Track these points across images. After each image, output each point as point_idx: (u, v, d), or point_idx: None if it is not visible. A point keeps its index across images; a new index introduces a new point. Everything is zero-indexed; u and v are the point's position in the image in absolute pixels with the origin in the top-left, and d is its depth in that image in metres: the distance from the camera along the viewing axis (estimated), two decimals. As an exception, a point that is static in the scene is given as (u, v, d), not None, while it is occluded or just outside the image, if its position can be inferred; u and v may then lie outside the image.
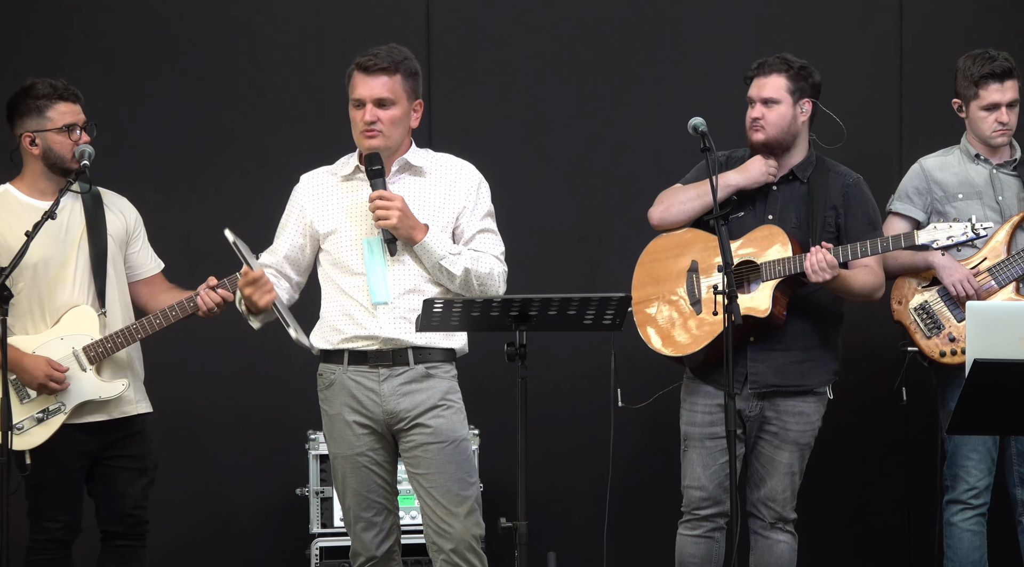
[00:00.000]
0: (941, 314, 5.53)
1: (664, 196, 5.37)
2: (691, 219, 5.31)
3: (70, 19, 6.41)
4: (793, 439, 5.22)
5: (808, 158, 5.29)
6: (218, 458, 6.43)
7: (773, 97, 5.23)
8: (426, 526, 4.78)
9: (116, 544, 5.29)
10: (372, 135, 4.75)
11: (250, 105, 6.43)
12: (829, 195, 5.20)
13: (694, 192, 5.29)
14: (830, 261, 5.03)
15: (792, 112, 5.23)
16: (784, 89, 5.23)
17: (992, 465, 5.54)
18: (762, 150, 5.25)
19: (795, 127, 5.24)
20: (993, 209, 5.55)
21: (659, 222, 5.36)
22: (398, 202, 4.70)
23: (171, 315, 5.17)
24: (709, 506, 5.26)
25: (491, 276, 4.81)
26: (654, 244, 5.38)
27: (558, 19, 6.51)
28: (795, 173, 5.28)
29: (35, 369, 5.10)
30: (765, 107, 5.23)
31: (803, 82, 5.24)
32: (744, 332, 5.11)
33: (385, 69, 4.74)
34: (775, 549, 5.23)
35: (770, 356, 5.19)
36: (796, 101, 5.23)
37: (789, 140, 5.24)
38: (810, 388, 5.23)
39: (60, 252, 5.19)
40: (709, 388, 5.26)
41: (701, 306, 5.20)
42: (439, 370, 4.79)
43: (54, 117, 5.19)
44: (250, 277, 4.68)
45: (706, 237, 5.27)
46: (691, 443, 5.29)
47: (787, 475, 5.22)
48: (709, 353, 5.19)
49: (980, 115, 5.54)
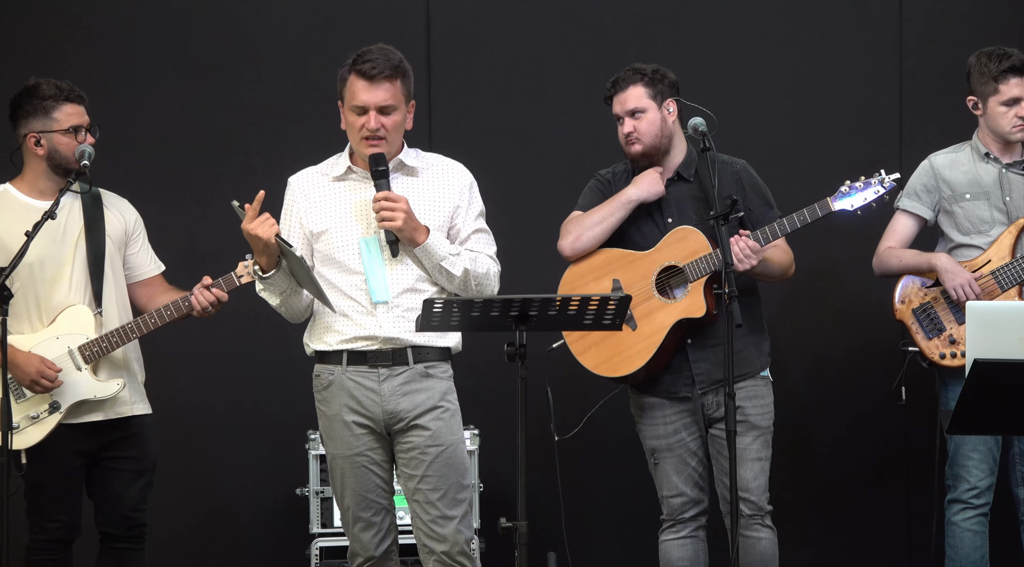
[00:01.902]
0: (943, 316, 5.52)
1: (570, 227, 5.39)
2: (601, 242, 5.35)
3: (71, 19, 6.41)
4: (755, 422, 5.22)
5: (689, 156, 5.34)
6: (218, 458, 6.43)
7: (638, 107, 5.29)
8: (417, 528, 4.79)
9: (114, 546, 5.28)
10: (376, 143, 4.75)
11: (250, 105, 6.43)
12: (722, 185, 5.21)
13: (599, 216, 5.33)
14: (753, 247, 5.08)
15: (660, 115, 5.29)
16: (645, 96, 5.29)
17: (994, 465, 5.53)
18: (643, 161, 5.31)
19: (667, 129, 5.30)
20: (1000, 210, 5.54)
21: (572, 252, 5.37)
22: (403, 204, 4.70)
23: (166, 315, 5.17)
24: (691, 508, 5.30)
25: (487, 276, 4.83)
26: (571, 272, 5.39)
27: (558, 19, 6.51)
28: (680, 173, 5.32)
29: (27, 366, 5.09)
30: (634, 120, 5.30)
31: (660, 84, 5.30)
32: (680, 336, 5.20)
33: (388, 76, 4.74)
34: (757, 547, 5.23)
35: (710, 353, 5.22)
36: (660, 104, 5.29)
37: (665, 143, 5.31)
38: (754, 372, 5.26)
39: (57, 252, 5.18)
40: (660, 399, 5.30)
41: (635, 321, 5.22)
42: (437, 370, 4.80)
43: (60, 118, 5.18)
44: (250, 213, 4.66)
45: (622, 254, 5.32)
46: (661, 455, 5.32)
47: (756, 461, 5.22)
48: (653, 364, 5.23)
49: (999, 110, 5.52)
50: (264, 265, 4.75)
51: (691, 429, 5.27)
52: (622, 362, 5.27)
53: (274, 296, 4.82)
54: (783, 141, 6.45)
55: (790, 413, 5.93)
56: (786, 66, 6.53)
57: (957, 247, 5.58)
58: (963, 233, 5.56)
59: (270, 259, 4.73)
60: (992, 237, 5.52)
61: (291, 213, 4.91)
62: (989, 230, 5.53)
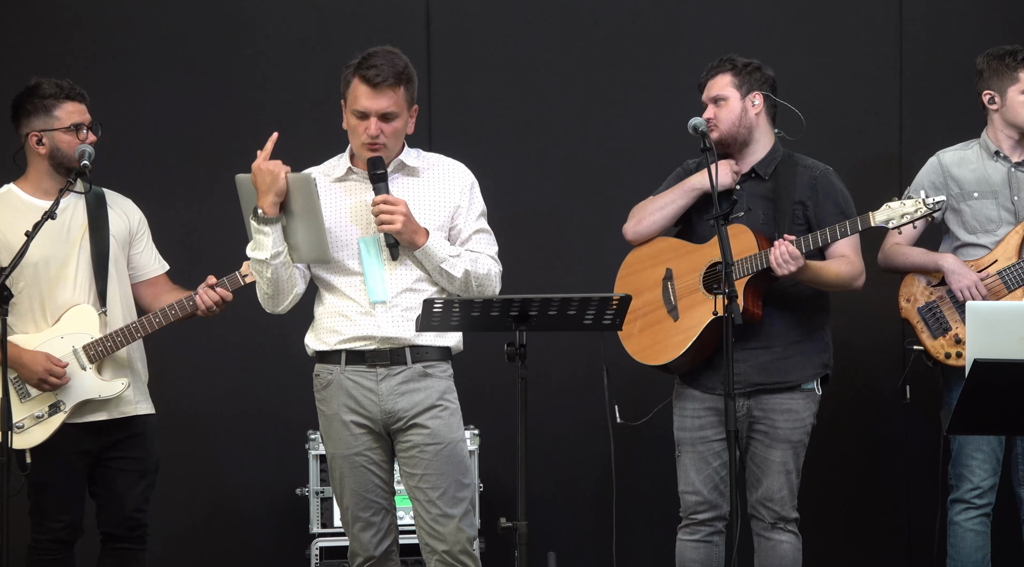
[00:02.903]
0: (948, 315, 5.52)
1: (636, 211, 5.44)
2: (663, 228, 5.37)
3: (71, 20, 6.41)
4: (784, 437, 5.20)
5: (772, 154, 5.31)
6: (219, 458, 6.44)
7: (720, 94, 5.28)
8: (419, 527, 4.78)
9: (115, 547, 5.29)
10: (376, 149, 4.75)
11: (250, 105, 6.43)
12: (796, 189, 5.20)
13: (661, 201, 5.35)
14: (793, 253, 5.02)
15: (741, 106, 5.27)
16: (730, 85, 5.29)
17: (997, 465, 5.53)
18: (719, 149, 5.27)
19: (747, 120, 5.28)
20: (1008, 209, 5.53)
21: (633, 236, 5.42)
22: (402, 207, 4.70)
23: (170, 314, 5.17)
24: (705, 510, 5.27)
25: (488, 277, 4.82)
26: (631, 257, 5.44)
27: (558, 19, 6.51)
28: (756, 170, 5.30)
29: (34, 364, 5.10)
30: (715, 106, 5.29)
31: (749, 76, 5.30)
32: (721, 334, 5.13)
33: (392, 84, 4.73)
34: (778, 550, 5.23)
35: (751, 355, 5.18)
36: (744, 95, 5.28)
37: (744, 134, 5.28)
38: (795, 384, 5.21)
39: (61, 252, 5.19)
40: (696, 392, 5.27)
41: (678, 312, 5.22)
42: (436, 369, 4.79)
43: (61, 116, 5.19)
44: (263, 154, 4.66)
45: (678, 244, 5.33)
46: (683, 448, 5.31)
47: (782, 474, 5.21)
48: (693, 358, 5.21)
49: (1020, 100, 5.50)
50: (267, 207, 4.70)
51: (718, 429, 5.22)
52: (660, 351, 5.25)
53: (265, 267, 4.72)
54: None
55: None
56: (786, 66, 6.49)
57: (963, 246, 5.56)
58: (969, 232, 5.56)
59: (275, 200, 4.68)
60: (999, 236, 5.51)
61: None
62: (996, 229, 5.52)
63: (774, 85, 5.33)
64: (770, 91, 5.30)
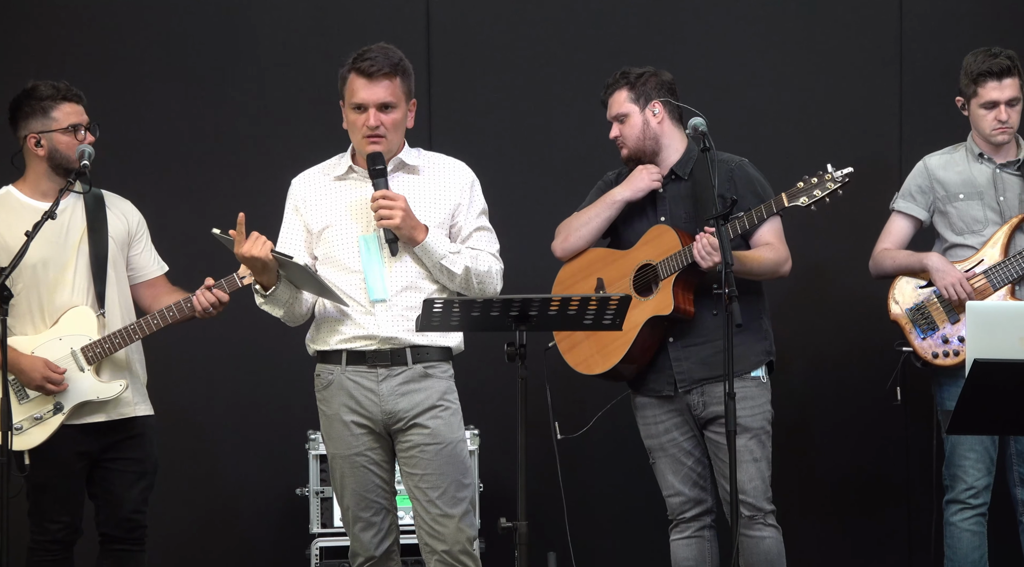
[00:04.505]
0: (936, 316, 5.53)
1: (562, 227, 5.48)
2: (590, 242, 5.42)
3: (70, 21, 6.42)
4: (744, 425, 5.17)
5: (687, 154, 5.33)
6: (218, 458, 6.44)
7: (620, 112, 5.34)
8: (419, 527, 4.79)
9: (114, 548, 5.28)
10: (376, 141, 4.75)
11: (250, 105, 6.43)
12: (716, 183, 5.21)
13: (586, 216, 5.40)
14: (714, 244, 5.02)
15: (642, 118, 5.31)
16: (627, 101, 5.33)
17: (991, 465, 5.54)
18: (631, 164, 5.34)
19: (650, 132, 5.31)
20: (994, 209, 5.55)
21: (562, 253, 5.47)
22: (401, 202, 4.70)
23: (168, 316, 5.17)
24: (691, 508, 5.30)
25: (489, 274, 4.82)
26: (563, 272, 5.48)
27: (558, 19, 6.51)
28: (675, 172, 5.33)
29: (32, 370, 5.10)
30: (619, 124, 5.34)
31: (644, 87, 5.32)
32: (660, 334, 5.21)
33: (387, 74, 4.74)
34: (761, 546, 5.22)
35: (692, 352, 5.22)
36: (643, 107, 5.31)
37: (651, 145, 5.32)
38: (740, 373, 5.17)
39: (60, 254, 5.18)
40: (649, 398, 5.32)
41: None
42: (437, 370, 4.79)
43: (59, 117, 5.19)
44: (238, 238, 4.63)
45: (606, 253, 5.37)
46: (656, 454, 5.35)
47: (749, 463, 5.19)
48: (637, 361, 5.25)
49: (980, 113, 5.54)
50: (265, 283, 4.74)
51: (683, 429, 5.27)
52: (599, 360, 5.30)
53: (277, 308, 4.81)
54: (783, 141, 6.45)
55: (789, 412, 5.93)
56: (786, 66, 6.53)
57: (951, 247, 5.59)
58: (957, 233, 5.58)
59: (270, 276, 4.72)
60: (985, 237, 5.53)
61: (289, 215, 4.91)
62: (983, 230, 5.54)
63: (672, 87, 5.35)
64: (668, 95, 5.33)
